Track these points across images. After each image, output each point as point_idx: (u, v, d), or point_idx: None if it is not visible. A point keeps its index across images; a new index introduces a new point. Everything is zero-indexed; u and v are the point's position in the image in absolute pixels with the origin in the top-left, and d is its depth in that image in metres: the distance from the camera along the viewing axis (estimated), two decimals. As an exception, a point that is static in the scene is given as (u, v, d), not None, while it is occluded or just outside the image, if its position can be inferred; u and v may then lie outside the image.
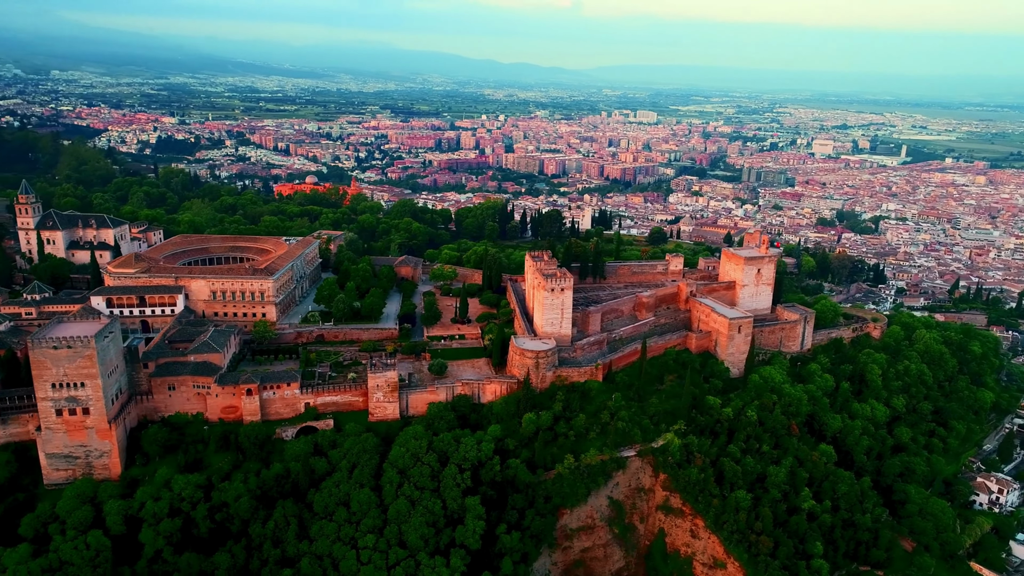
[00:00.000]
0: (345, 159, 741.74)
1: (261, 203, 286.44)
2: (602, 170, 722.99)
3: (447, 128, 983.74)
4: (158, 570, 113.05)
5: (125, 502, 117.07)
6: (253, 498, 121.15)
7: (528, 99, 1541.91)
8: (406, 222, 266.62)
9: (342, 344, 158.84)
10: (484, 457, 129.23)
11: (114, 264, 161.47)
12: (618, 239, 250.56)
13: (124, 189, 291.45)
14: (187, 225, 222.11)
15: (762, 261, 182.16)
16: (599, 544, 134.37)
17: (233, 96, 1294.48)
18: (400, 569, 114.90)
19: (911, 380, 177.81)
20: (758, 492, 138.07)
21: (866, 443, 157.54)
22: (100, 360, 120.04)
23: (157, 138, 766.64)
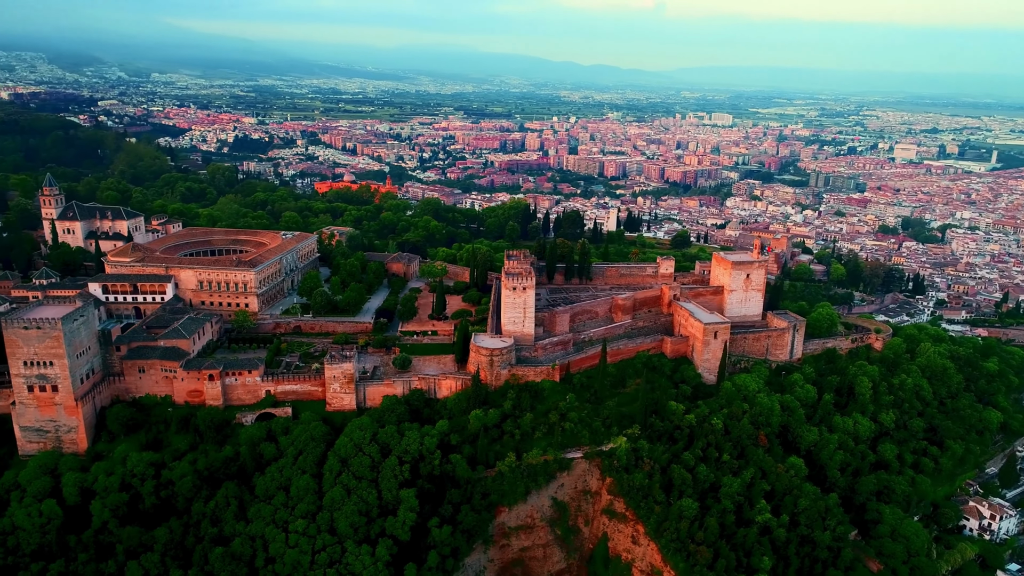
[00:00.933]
0: (409, 159, 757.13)
1: (291, 200, 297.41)
2: (663, 173, 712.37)
3: (515, 130, 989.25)
4: (103, 540, 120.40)
5: (82, 475, 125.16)
6: (200, 478, 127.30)
7: (604, 101, 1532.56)
8: (425, 220, 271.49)
9: (317, 336, 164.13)
10: (426, 451, 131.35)
11: (113, 253, 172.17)
12: (608, 239, 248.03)
13: (170, 184, 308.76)
14: (206, 219, 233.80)
15: (751, 266, 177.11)
16: (539, 544, 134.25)
17: (315, 97, 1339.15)
18: (324, 555, 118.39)
19: (906, 395, 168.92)
20: (709, 502, 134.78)
21: (840, 458, 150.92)
22: (67, 341, 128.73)
23: (235, 137, 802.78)
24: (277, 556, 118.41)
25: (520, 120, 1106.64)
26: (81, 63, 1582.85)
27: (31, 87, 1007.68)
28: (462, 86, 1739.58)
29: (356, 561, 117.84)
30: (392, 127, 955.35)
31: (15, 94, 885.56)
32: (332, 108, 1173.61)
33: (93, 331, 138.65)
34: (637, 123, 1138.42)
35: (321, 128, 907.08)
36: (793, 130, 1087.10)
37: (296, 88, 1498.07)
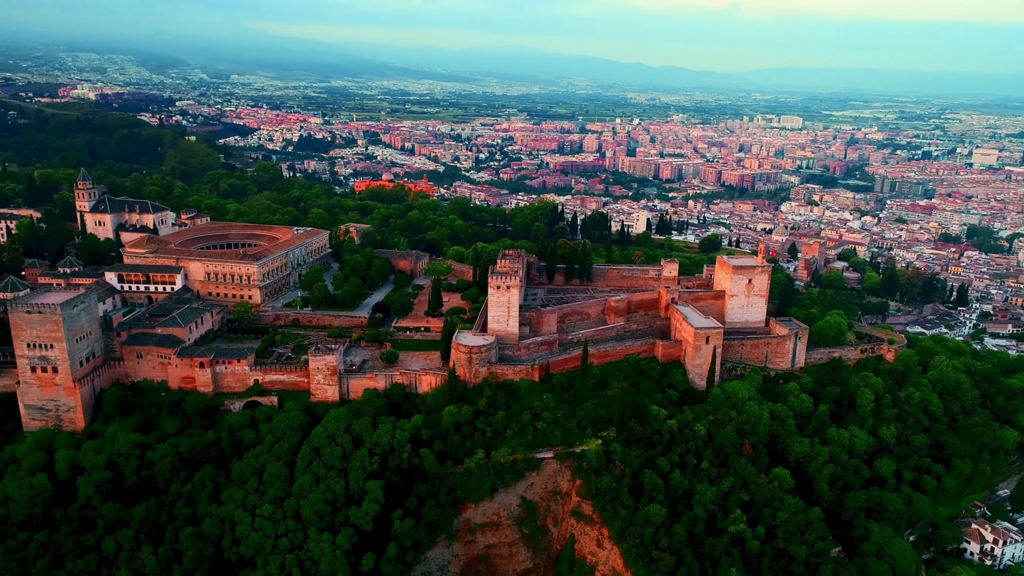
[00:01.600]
0: (464, 159, 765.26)
1: (325, 197, 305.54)
2: (719, 176, 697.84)
3: (576, 131, 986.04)
4: (86, 515, 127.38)
5: (73, 452, 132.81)
6: (181, 461, 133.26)
7: (670, 103, 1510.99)
8: (450, 219, 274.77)
9: (314, 329, 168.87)
10: (396, 444, 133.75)
11: (130, 244, 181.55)
12: (636, 241, 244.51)
13: (215, 181, 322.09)
14: (234, 214, 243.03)
15: (753, 271, 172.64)
16: (505, 542, 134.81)
17: (384, 99, 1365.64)
18: (286, 540, 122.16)
19: (911, 409, 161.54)
20: (680, 509, 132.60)
21: (830, 471, 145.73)
22: (67, 326, 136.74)
23: (299, 137, 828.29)
24: (242, 538, 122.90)
25: (582, 122, 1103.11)
26: (166, 65, 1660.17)
27: (117, 88, 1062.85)
28: (528, 87, 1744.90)
29: (316, 548, 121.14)
30: (454, 128, 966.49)
31: (101, 95, 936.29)
32: (398, 109, 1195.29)
33: (95, 317, 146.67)
34: (701, 125, 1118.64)
35: (383, 128, 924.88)
36: (866, 134, 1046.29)
37: (366, 89, 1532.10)
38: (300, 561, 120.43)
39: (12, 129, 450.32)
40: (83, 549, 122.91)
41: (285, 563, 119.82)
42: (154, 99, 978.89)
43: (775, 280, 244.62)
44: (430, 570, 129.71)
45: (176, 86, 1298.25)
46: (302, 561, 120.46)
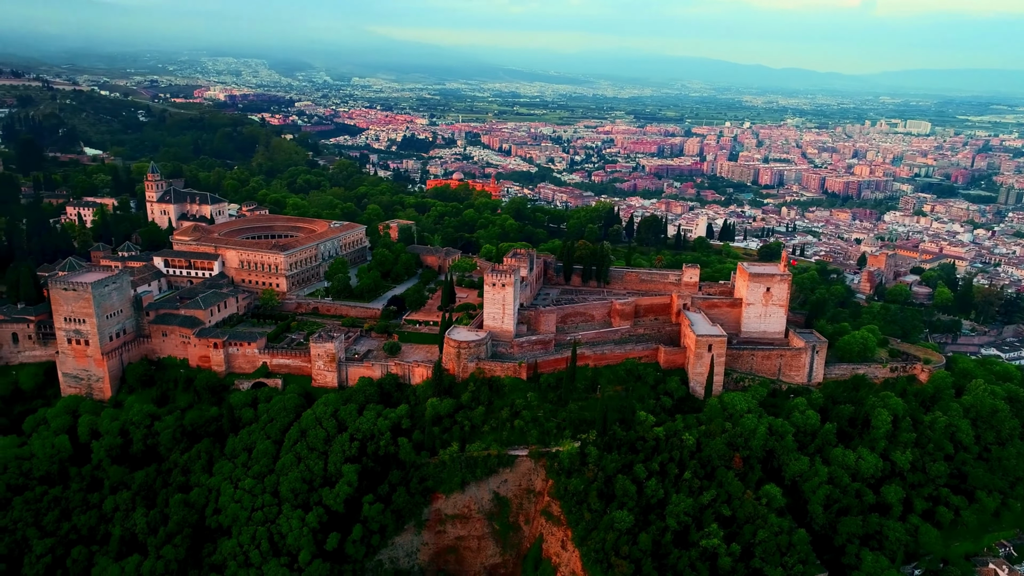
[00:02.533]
0: (559, 161, 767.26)
1: (389, 194, 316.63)
2: (823, 183, 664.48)
3: (680, 135, 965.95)
4: (96, 475, 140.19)
5: (94, 418, 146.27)
6: (183, 433, 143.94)
7: (788, 106, 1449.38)
8: (502, 218, 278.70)
9: (331, 318, 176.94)
10: (376, 431, 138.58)
11: (178, 232, 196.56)
12: (691, 246, 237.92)
13: (294, 176, 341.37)
14: (292, 207, 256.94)
15: (772, 279, 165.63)
16: (474, 535, 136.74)
17: (494, 101, 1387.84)
18: (260, 513, 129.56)
19: (934, 435, 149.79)
20: (652, 518, 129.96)
21: (825, 492, 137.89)
22: (97, 304, 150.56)
23: (403, 137, 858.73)
24: (223, 508, 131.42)
25: (688, 125, 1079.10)
26: (294, 69, 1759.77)
27: (245, 89, 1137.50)
28: (640, 90, 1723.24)
29: (286, 523, 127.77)
30: (556, 130, 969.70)
31: (230, 95, 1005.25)
32: (506, 111, 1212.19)
33: (127, 297, 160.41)
34: (816, 130, 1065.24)
35: (485, 130, 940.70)
36: (1003, 140, 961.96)
37: (478, 91, 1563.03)
38: (270, 534, 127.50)
39: (135, 126, 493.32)
40: (88, 506, 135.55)
41: (256, 535, 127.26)
42: (276, 100, 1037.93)
43: (833, 292, 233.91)
44: (397, 555, 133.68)
45: (301, 88, 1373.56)
46: (272, 534, 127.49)
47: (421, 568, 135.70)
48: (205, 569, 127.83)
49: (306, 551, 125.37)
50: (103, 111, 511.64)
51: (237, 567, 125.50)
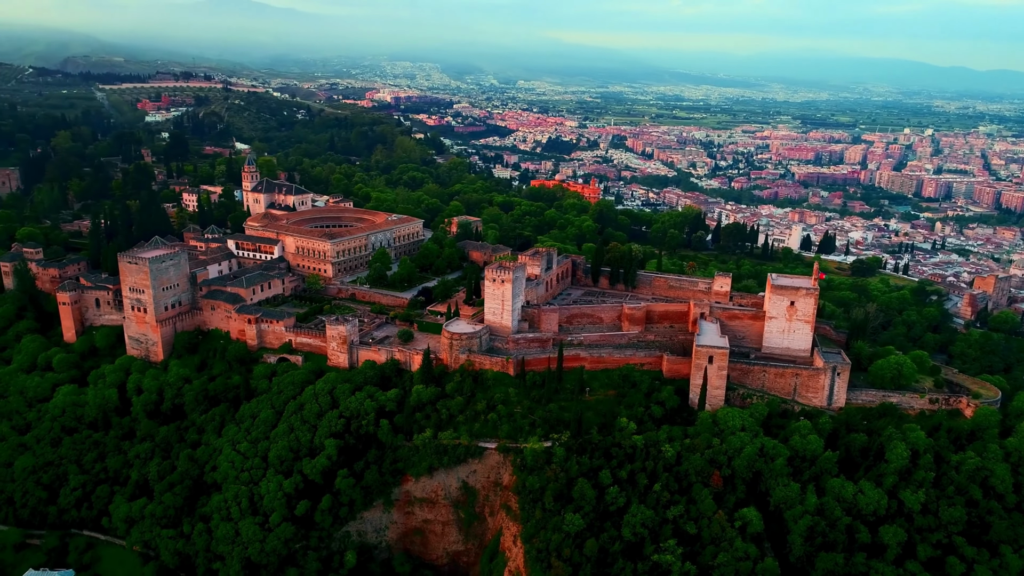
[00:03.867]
0: (700, 166, 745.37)
1: (480, 192, 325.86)
2: (998, 197, 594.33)
3: (847, 141, 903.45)
4: (133, 426, 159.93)
5: (140, 376, 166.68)
6: (206, 396, 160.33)
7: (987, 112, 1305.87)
8: (581, 219, 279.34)
9: (364, 304, 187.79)
10: (363, 411, 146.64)
11: (250, 219, 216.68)
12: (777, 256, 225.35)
13: (404, 173, 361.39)
14: (375, 201, 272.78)
15: (797, 292, 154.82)
16: (439, 520, 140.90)
17: (654, 104, 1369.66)
18: (246, 475, 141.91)
19: (959, 477, 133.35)
20: (607, 525, 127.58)
21: (807, 523, 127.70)
22: (154, 277, 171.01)
23: (548, 138, 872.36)
24: (219, 466, 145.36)
25: (859, 131, 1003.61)
26: (464, 72, 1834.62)
27: (411, 91, 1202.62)
28: (815, 94, 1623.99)
29: (265, 486, 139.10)
30: (710, 134, 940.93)
31: (396, 97, 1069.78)
32: (663, 114, 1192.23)
33: (184, 273, 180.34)
34: (1013, 138, 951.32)
35: (633, 133, 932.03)
36: None
37: (641, 95, 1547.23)
38: (251, 494, 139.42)
39: (289, 124, 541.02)
40: (118, 452, 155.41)
41: (239, 493, 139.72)
42: (437, 102, 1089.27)
43: (924, 315, 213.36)
44: (366, 530, 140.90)
45: (468, 91, 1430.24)
46: (252, 495, 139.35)
47: (389, 545, 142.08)
48: (195, 518, 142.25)
49: (277, 513, 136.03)
50: (265, 110, 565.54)
51: (220, 520, 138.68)
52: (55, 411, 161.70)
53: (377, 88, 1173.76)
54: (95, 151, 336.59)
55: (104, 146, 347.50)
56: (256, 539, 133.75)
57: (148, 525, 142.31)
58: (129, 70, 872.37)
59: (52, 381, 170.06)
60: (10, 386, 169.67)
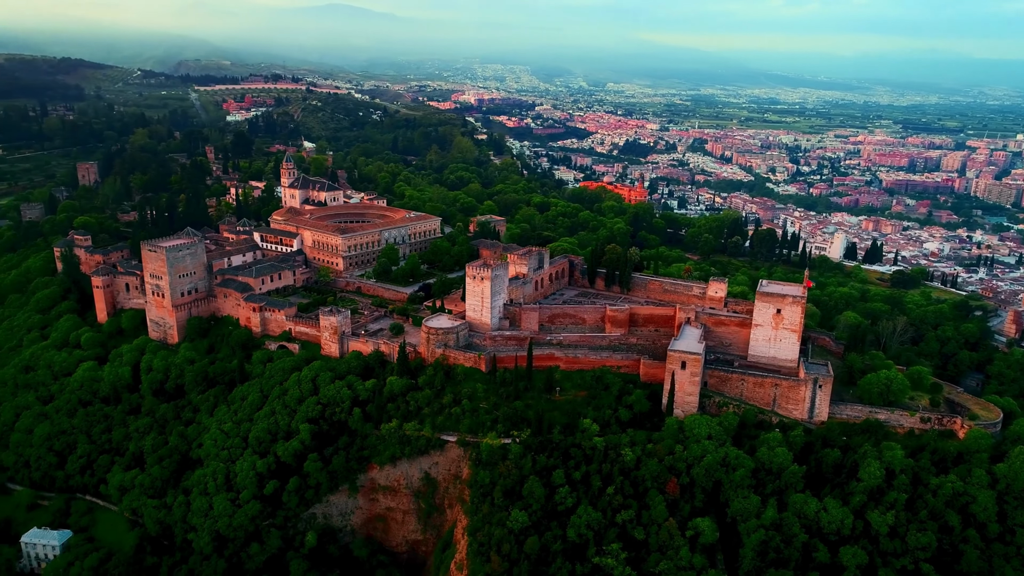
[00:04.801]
0: (780, 171, 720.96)
1: (521, 192, 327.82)
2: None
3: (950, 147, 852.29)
4: (140, 404, 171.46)
5: (152, 356, 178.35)
6: (204, 378, 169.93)
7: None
8: (612, 222, 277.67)
9: (368, 297, 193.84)
10: (339, 399, 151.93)
11: (275, 213, 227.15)
12: (814, 264, 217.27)
13: (452, 173, 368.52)
14: (409, 199, 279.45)
15: (783, 300, 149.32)
16: (400, 509, 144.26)
17: (745, 107, 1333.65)
18: (226, 452, 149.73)
19: (935, 502, 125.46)
20: (553, 524, 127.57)
21: (759, 538, 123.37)
22: (170, 265, 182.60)
23: (625, 141, 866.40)
24: (203, 443, 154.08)
25: (965, 137, 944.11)
26: (554, 75, 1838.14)
27: (496, 93, 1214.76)
28: (924, 97, 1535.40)
29: (241, 462, 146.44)
30: (798, 138, 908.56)
31: (480, 99, 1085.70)
32: (753, 118, 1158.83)
33: (200, 261, 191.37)
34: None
35: (717, 136, 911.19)
36: None
37: (734, 97, 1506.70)
38: (228, 472, 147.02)
39: (359, 124, 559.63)
40: (123, 425, 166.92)
41: (217, 470, 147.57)
42: (519, 104, 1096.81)
43: (962, 331, 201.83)
44: (331, 513, 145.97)
45: (556, 93, 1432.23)
46: (229, 472, 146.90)
47: (353, 529, 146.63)
48: (178, 490, 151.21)
49: (248, 491, 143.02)
50: (341, 111, 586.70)
51: (198, 494, 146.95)
52: (74, 385, 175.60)
53: (463, 90, 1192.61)
54: (166, 148, 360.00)
55: (175, 143, 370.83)
56: (226, 514, 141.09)
57: (137, 494, 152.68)
58: (234, 72, 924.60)
59: (78, 357, 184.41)
60: (41, 360, 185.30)
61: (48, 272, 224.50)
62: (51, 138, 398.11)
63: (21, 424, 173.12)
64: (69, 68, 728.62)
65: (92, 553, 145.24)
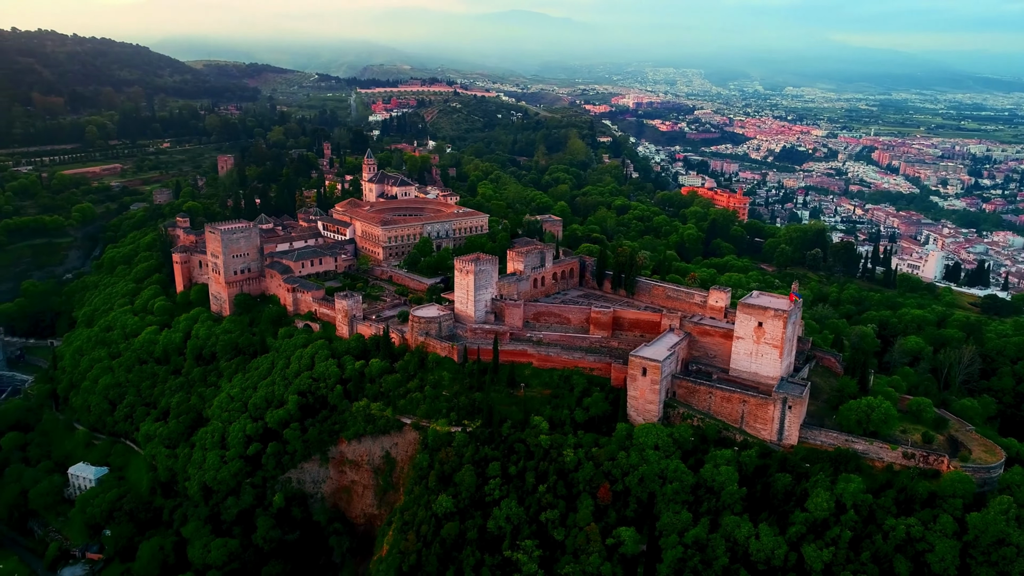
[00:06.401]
0: (952, 183, 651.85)
1: (607, 195, 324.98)
2: None
3: None
4: (182, 366, 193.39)
5: (201, 325, 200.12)
6: (233, 347, 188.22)
7: None
8: (686, 228, 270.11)
9: (395, 285, 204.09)
10: (327, 375, 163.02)
11: (338, 204, 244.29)
12: (862, 277, 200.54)
13: (551, 173, 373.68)
14: (481, 196, 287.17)
15: (764, 313, 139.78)
16: (361, 483, 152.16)
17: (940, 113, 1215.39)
18: (227, 415, 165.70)
19: (885, 546, 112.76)
20: (476, 515, 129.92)
21: (676, 556, 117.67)
22: (225, 245, 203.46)
23: (782, 148, 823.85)
24: (213, 405, 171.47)
25: None
26: (728, 78, 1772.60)
27: (654, 97, 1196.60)
28: None
29: (235, 424, 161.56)
30: (991, 148, 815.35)
31: (638, 102, 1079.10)
32: (946, 125, 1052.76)
33: (254, 244, 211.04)
34: None
35: (893, 145, 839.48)
36: None
37: (930, 103, 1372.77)
38: (224, 431, 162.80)
39: (491, 126, 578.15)
40: (163, 383, 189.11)
41: (215, 430, 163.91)
42: (677, 107, 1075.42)
43: None
44: (305, 479, 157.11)
45: (726, 97, 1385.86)
46: (224, 431, 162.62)
47: (323, 497, 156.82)
48: (186, 444, 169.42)
49: (234, 450, 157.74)
50: (479, 113, 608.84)
51: (199, 448, 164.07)
52: (136, 345, 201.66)
53: (624, 94, 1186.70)
54: (294, 143, 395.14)
55: (303, 140, 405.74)
56: (214, 468, 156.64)
57: (156, 443, 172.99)
58: (415, 76, 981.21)
59: (148, 322, 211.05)
60: (117, 322, 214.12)
61: (154, 248, 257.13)
62: (209, 134, 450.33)
63: (91, 375, 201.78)
64: (255, 72, 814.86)
65: (114, 489, 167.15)
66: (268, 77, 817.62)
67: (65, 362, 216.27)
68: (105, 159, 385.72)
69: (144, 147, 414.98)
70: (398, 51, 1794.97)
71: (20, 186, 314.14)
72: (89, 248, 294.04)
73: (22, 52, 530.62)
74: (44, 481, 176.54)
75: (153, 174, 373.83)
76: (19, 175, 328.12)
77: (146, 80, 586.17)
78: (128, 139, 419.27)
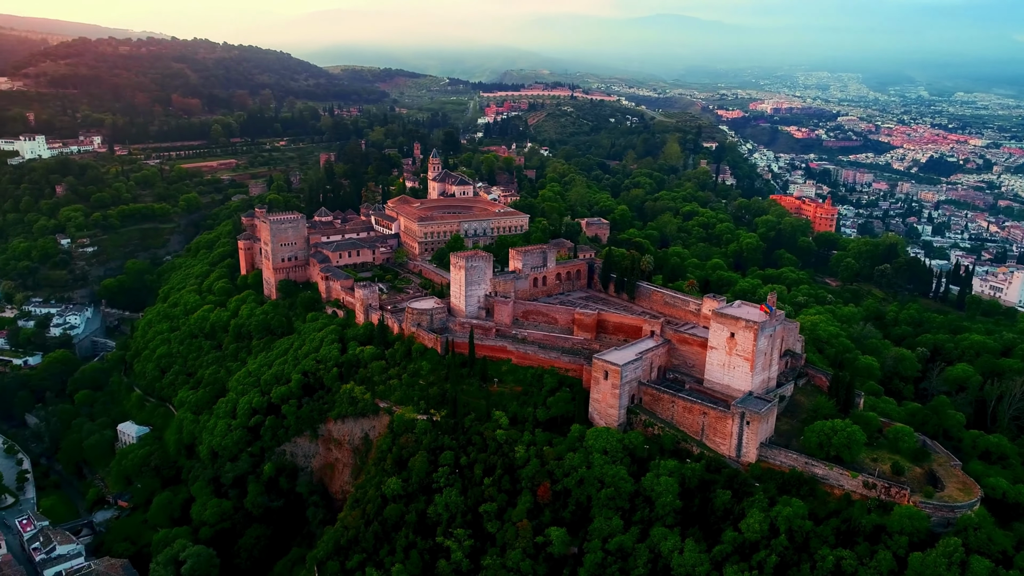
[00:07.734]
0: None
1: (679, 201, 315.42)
2: None
3: None
4: (223, 342, 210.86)
5: (246, 306, 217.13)
6: (266, 327, 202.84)
7: None
8: (746, 236, 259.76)
9: (422, 278, 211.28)
10: (327, 358, 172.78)
11: (391, 201, 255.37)
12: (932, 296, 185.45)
13: (632, 178, 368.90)
14: (540, 198, 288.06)
15: (736, 324, 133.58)
16: (343, 461, 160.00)
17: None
18: (241, 386, 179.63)
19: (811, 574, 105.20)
20: (422, 500, 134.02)
21: (595, 560, 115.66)
22: (272, 234, 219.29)
23: (929, 158, 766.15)
24: (236, 376, 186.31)
25: None
26: (889, 83, 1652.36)
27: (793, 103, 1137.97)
28: None
29: (245, 399, 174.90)
30: None
31: (776, 108, 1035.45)
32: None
33: (301, 234, 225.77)
34: None
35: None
36: None
37: None
38: (236, 402, 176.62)
39: (597, 129, 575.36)
40: (204, 356, 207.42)
41: (229, 399, 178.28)
42: (818, 114, 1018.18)
43: None
44: (297, 453, 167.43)
45: (884, 103, 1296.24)
46: (236, 403, 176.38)
47: (312, 471, 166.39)
48: (208, 412, 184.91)
49: (239, 420, 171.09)
50: (588, 116, 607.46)
51: (216, 417, 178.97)
52: (192, 321, 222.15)
53: (763, 99, 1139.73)
54: (391, 143, 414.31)
55: (401, 141, 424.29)
56: (221, 434, 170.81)
57: (186, 410, 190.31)
58: (556, 80, 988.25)
59: (207, 301, 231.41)
60: (182, 300, 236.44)
61: (231, 236, 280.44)
62: (323, 133, 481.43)
63: (152, 344, 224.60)
64: (387, 77, 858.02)
65: (147, 447, 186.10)
66: (399, 81, 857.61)
67: (138, 332, 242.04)
68: (224, 155, 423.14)
69: (261, 144, 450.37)
70: (541, 56, 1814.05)
71: (142, 177, 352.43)
72: (191, 234, 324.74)
73: (176, 59, 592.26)
74: (98, 435, 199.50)
75: (262, 169, 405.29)
76: (145, 167, 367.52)
77: (281, 84, 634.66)
78: (249, 137, 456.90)
